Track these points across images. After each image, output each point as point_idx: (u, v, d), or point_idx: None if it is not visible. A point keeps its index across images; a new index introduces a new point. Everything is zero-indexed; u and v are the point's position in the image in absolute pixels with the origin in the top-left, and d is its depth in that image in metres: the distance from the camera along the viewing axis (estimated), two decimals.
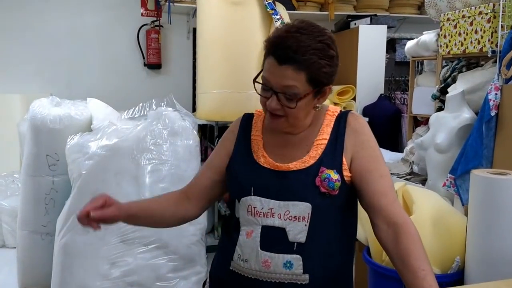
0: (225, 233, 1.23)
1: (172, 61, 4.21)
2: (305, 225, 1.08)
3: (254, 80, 1.09)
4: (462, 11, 2.38)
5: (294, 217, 1.09)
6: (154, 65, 4.13)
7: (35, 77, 3.89)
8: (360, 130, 1.14)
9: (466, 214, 2.02)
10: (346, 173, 1.11)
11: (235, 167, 1.18)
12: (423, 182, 2.53)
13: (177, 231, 1.86)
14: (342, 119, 1.15)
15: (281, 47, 1.03)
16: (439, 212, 1.95)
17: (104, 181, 1.80)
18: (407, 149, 2.84)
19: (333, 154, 1.11)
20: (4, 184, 3.24)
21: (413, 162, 2.69)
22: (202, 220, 1.97)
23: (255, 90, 1.10)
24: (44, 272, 2.55)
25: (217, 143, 3.54)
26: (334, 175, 1.08)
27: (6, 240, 3.22)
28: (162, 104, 2.01)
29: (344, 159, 1.11)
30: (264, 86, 1.08)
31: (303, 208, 1.08)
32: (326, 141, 1.13)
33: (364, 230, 2.03)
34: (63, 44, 3.96)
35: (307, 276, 1.09)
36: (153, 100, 2.03)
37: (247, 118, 1.24)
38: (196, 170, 2.02)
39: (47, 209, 2.52)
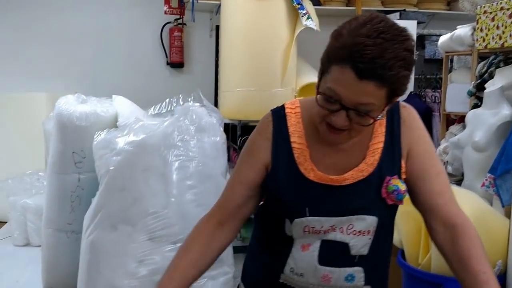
0: (262, 243, 1.13)
1: (194, 60, 4.18)
2: (370, 238, 1.01)
3: (318, 91, 0.92)
4: (501, 3, 2.27)
5: (359, 231, 1.00)
6: (176, 64, 4.11)
7: (60, 75, 3.91)
8: (415, 125, 1.03)
9: (507, 216, 1.93)
10: (403, 175, 1.02)
11: (280, 185, 1.01)
12: (458, 182, 2.42)
13: None
14: (395, 115, 1.03)
15: (364, 60, 0.84)
16: (479, 213, 1.85)
17: (131, 178, 1.76)
18: (440, 148, 2.74)
19: (391, 158, 1.01)
20: (29, 182, 3.26)
21: (447, 162, 2.58)
22: None
23: (316, 100, 0.92)
24: (69, 270, 2.53)
25: (240, 143, 3.49)
26: (402, 186, 0.99)
27: (30, 239, 3.23)
28: (189, 99, 1.97)
29: (402, 162, 1.01)
30: (329, 98, 0.90)
31: (370, 222, 1.00)
32: (382, 144, 1.01)
33: (398, 232, 1.94)
34: (88, 42, 3.98)
35: (368, 287, 1.04)
36: (180, 96, 1.99)
37: (279, 119, 1.05)
38: (223, 168, 1.97)
39: (72, 206, 2.50)
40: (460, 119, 2.77)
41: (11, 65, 3.87)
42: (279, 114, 1.06)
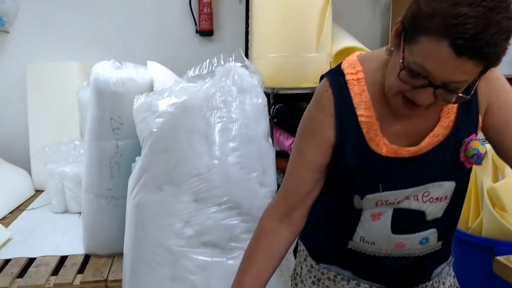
0: (324, 211, 1.07)
1: (224, 27, 4.10)
2: (446, 203, 0.96)
3: (402, 65, 0.80)
4: None
5: (436, 198, 0.95)
6: (206, 32, 4.04)
7: (90, 45, 3.90)
8: (491, 75, 0.91)
9: None
10: (479, 130, 0.96)
11: (349, 164, 0.93)
12: None
13: (250, 192, 1.79)
14: None
15: (465, 35, 0.71)
16: None
17: (175, 140, 1.75)
18: None
19: (468, 116, 0.93)
20: (66, 151, 3.30)
21: None
22: (272, 182, 1.89)
23: (398, 75, 0.81)
24: (109, 235, 2.58)
25: (273, 112, 3.43)
26: (482, 148, 0.91)
27: (69, 206, 3.29)
28: (230, 59, 1.92)
29: (479, 118, 0.94)
30: (415, 74, 0.79)
31: (447, 188, 0.95)
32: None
33: None
34: (117, 11, 3.94)
35: (440, 243, 1.01)
36: (221, 55, 1.95)
37: (341, 89, 0.93)
38: (266, 131, 1.93)
39: (112, 172, 2.52)
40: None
41: (42, 34, 3.87)
42: (339, 83, 0.94)
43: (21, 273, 2.43)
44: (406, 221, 0.96)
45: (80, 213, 3.14)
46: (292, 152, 1.01)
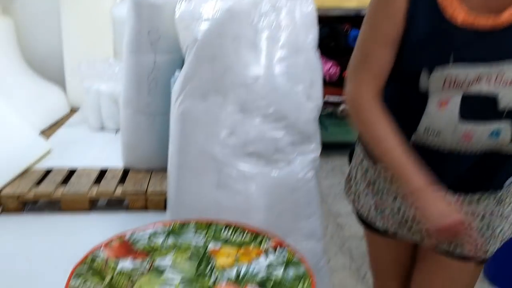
0: (386, 101, 1.03)
1: None
2: None
3: None
4: None
5: (511, 81, 0.88)
6: None
7: None
8: None
9: None
10: None
11: (420, 32, 0.90)
12: None
13: (296, 105, 1.74)
14: None
15: None
16: None
17: (221, 46, 1.68)
18: None
19: None
20: (102, 68, 3.28)
21: None
22: (319, 96, 1.83)
23: None
24: (148, 151, 2.62)
25: None
26: None
27: (105, 123, 3.33)
28: None
29: None
30: None
31: None
32: None
33: None
34: None
35: None
36: None
37: None
38: (314, 41, 1.84)
39: (149, 88, 2.50)
40: None
41: None
42: None
43: (64, 182, 2.52)
44: (476, 108, 0.91)
45: (116, 130, 3.18)
46: (363, 28, 0.99)
